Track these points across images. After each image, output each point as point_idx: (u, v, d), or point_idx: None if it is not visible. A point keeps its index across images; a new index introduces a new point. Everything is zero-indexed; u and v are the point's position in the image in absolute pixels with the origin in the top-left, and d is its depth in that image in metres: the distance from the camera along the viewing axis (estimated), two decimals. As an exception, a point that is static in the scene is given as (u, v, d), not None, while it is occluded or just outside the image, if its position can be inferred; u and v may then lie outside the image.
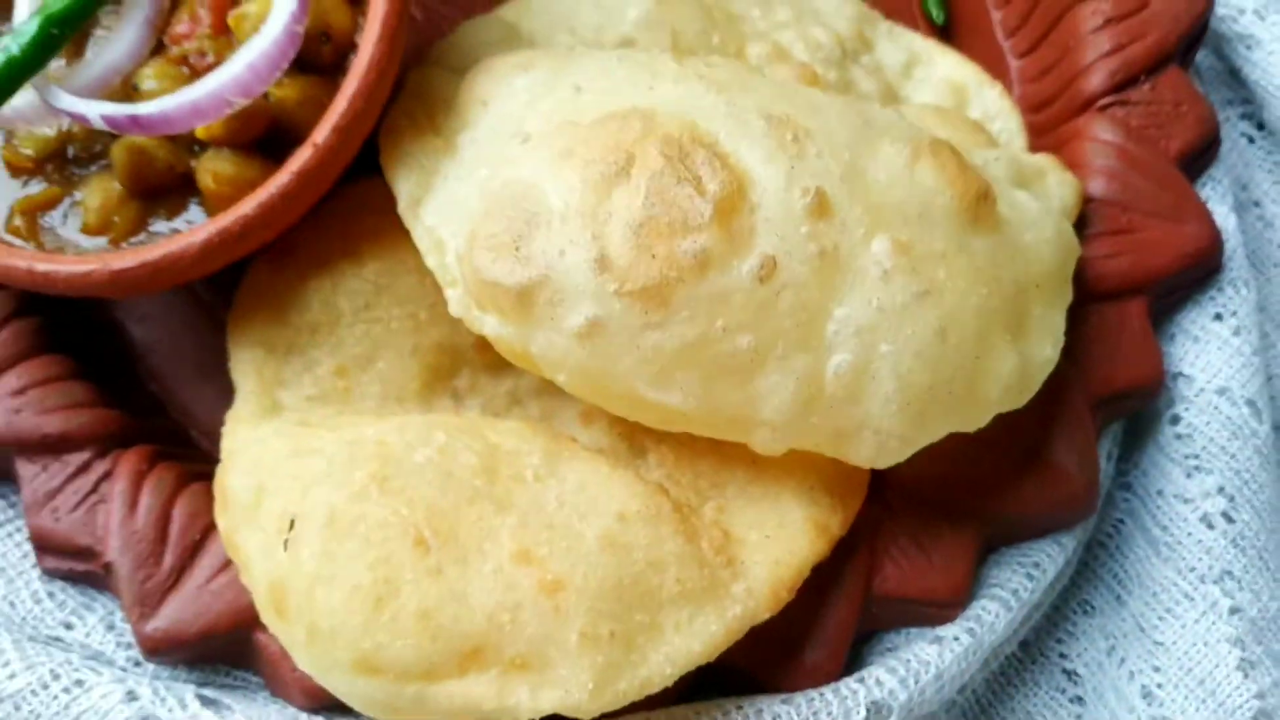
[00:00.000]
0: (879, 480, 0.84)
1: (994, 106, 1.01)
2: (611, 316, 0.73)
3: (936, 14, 1.07)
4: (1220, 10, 1.06)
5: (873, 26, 1.03)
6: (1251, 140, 1.10)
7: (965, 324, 0.76)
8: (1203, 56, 1.08)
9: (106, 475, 0.84)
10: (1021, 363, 0.79)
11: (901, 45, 1.03)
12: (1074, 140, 0.98)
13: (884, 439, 0.75)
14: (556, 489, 0.75)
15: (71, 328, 0.91)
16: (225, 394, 0.87)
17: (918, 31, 1.05)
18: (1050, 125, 1.01)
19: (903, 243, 0.75)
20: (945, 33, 1.06)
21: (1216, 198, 0.99)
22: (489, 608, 0.71)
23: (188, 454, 0.89)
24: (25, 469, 0.85)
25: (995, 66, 1.05)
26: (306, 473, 0.75)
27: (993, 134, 0.98)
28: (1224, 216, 0.98)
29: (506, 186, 0.76)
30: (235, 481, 0.78)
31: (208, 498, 0.83)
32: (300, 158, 0.79)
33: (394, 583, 0.71)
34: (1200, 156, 0.98)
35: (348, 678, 0.71)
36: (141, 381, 0.93)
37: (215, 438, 0.87)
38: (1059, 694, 0.94)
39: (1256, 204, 1.08)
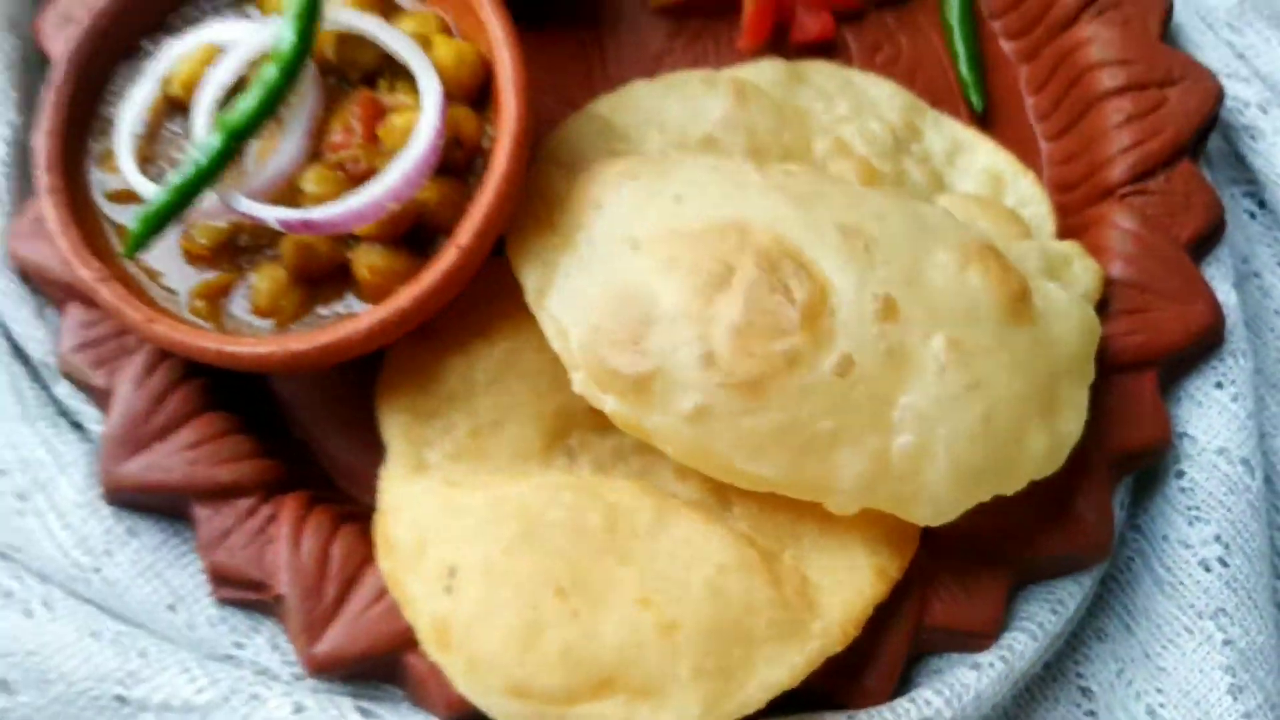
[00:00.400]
0: (928, 531, 0.94)
1: (1027, 193, 1.12)
2: (716, 403, 0.85)
3: (976, 101, 1.18)
4: (1228, 103, 1.16)
5: (920, 116, 1.14)
6: (1254, 216, 1.19)
7: (1006, 410, 0.88)
8: (1212, 140, 1.17)
9: (272, 518, 0.95)
10: (1051, 439, 0.90)
11: (945, 134, 1.14)
12: (1096, 225, 1.08)
13: (938, 504, 0.87)
14: (666, 543, 0.87)
15: (229, 388, 1.01)
16: (363, 444, 0.99)
17: (959, 118, 1.16)
18: (1076, 207, 1.12)
19: (955, 340, 0.87)
20: (985, 117, 1.17)
21: (1220, 276, 1.09)
22: (618, 645, 0.83)
23: (335, 497, 1.00)
24: (201, 512, 0.95)
25: (1028, 147, 1.16)
26: (461, 528, 0.88)
27: (1025, 219, 1.08)
28: (1226, 294, 1.08)
29: (624, 288, 0.88)
30: (398, 532, 0.90)
31: (358, 538, 0.94)
32: (448, 259, 0.91)
33: (540, 624, 0.83)
34: (1207, 241, 1.09)
35: (502, 701, 0.84)
36: (289, 432, 1.03)
37: (357, 482, 1.00)
38: (1075, 708, 1.03)
39: (1256, 275, 1.17)
